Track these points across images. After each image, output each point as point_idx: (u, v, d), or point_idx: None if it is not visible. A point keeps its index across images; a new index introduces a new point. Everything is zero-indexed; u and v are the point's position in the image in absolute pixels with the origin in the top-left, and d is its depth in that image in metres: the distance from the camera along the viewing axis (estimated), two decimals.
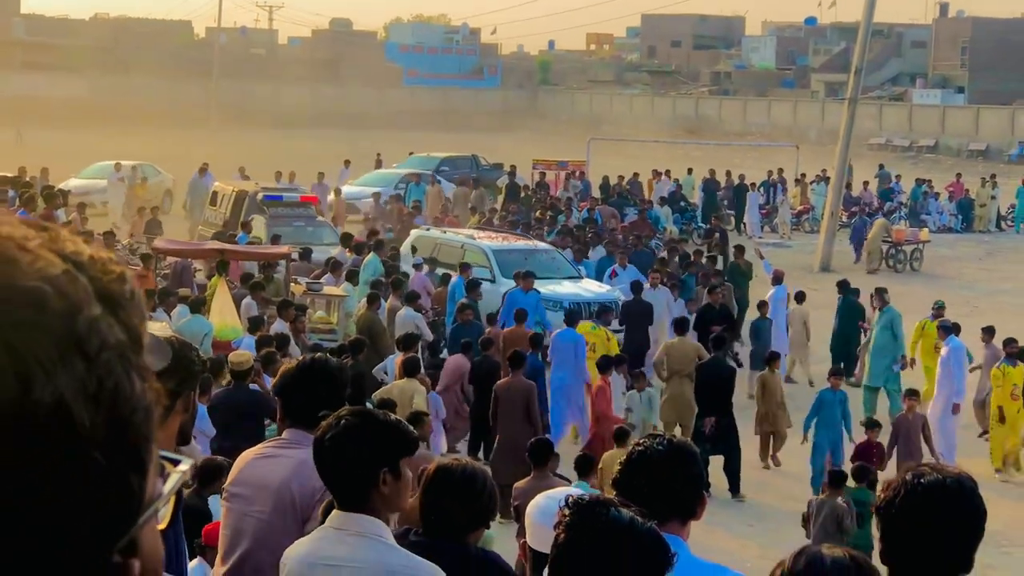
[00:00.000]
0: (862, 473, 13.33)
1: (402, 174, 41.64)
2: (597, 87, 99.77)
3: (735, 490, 16.31)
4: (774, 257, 32.03)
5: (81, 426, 0.92)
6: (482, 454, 16.00)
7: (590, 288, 23.07)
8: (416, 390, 14.72)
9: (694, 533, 4.28)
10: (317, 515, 4.72)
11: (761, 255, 26.40)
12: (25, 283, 0.92)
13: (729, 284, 23.62)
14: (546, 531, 3.55)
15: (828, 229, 34.36)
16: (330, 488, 4.35)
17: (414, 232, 26.71)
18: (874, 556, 3.71)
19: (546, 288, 21.69)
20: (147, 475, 0.99)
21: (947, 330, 19.03)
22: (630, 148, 57.29)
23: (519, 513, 10.47)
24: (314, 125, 76.97)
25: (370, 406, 8.14)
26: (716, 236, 29.80)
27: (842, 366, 21.75)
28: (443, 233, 26.07)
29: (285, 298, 19.21)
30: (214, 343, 17.33)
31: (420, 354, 16.64)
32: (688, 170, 44.40)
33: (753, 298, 23.97)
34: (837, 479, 12.86)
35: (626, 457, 4.24)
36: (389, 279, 21.07)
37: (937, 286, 30.54)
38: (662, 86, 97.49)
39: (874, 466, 14.34)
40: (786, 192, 42.34)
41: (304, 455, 4.98)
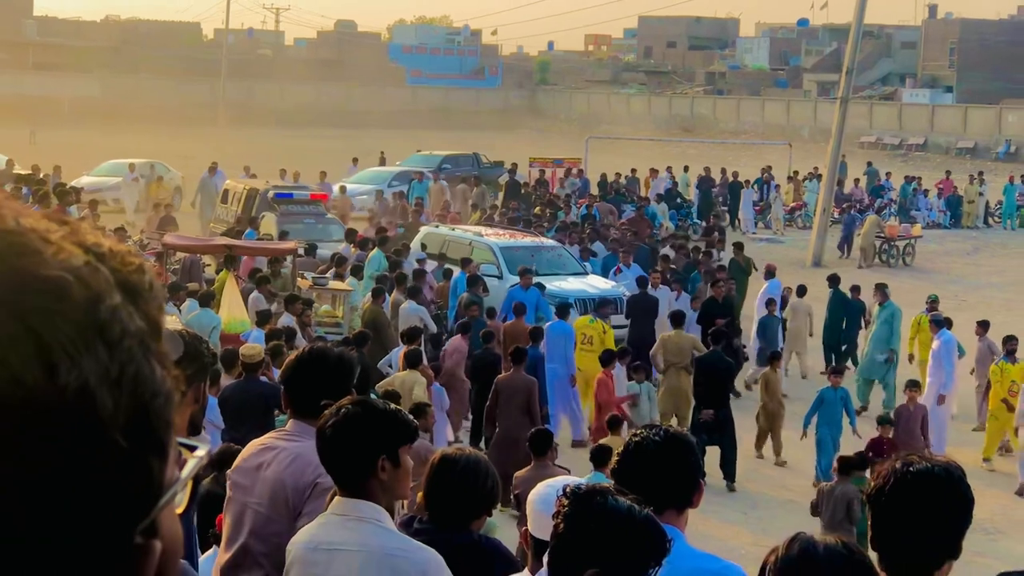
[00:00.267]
0: (862, 463, 13.31)
1: (395, 172, 41.65)
2: (595, 87, 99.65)
3: (730, 479, 16.33)
4: (767, 253, 32.06)
5: (104, 410, 0.93)
6: (483, 445, 16.01)
7: (595, 284, 23.05)
8: (416, 381, 14.75)
9: (688, 521, 4.28)
10: (308, 511, 4.75)
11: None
12: (49, 273, 0.94)
13: (732, 280, 23.61)
14: (547, 519, 3.56)
15: (820, 225, 34.35)
16: (332, 474, 4.40)
17: (424, 229, 26.69)
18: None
19: (552, 284, 21.75)
20: (167, 459, 1.00)
21: (939, 324, 19.04)
22: (627, 146, 57.23)
23: (519, 501, 10.48)
24: (319, 124, 76.84)
25: (374, 397, 8.15)
26: (716, 234, 29.84)
27: (833, 357, 21.87)
28: (452, 230, 26.07)
29: (292, 292, 19.24)
30: (222, 336, 17.36)
31: (424, 347, 16.65)
32: (684, 168, 44.38)
33: (750, 294, 24.00)
34: (847, 465, 12.83)
35: (623, 448, 4.24)
36: (393, 274, 21.08)
37: (927, 280, 30.56)
38: (658, 86, 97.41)
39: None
40: (778, 189, 42.32)
41: (301, 449, 5.00)
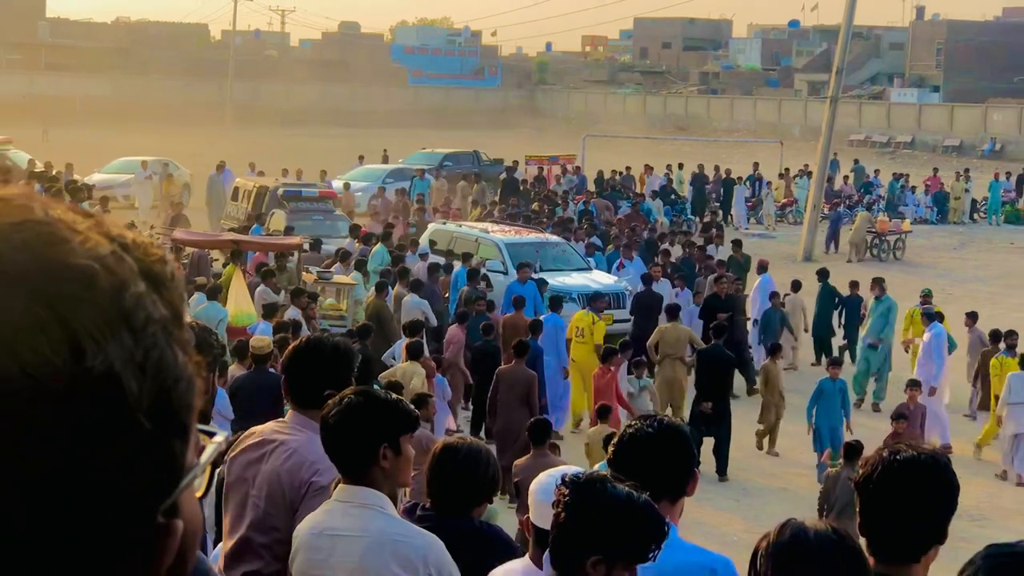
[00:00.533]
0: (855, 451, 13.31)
1: (388, 169, 41.69)
2: (592, 87, 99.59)
3: (721, 472, 16.30)
4: (759, 248, 32.06)
5: (129, 393, 0.95)
6: (484, 434, 16.03)
7: (599, 279, 23.06)
8: (416, 372, 14.82)
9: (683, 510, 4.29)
10: (304, 509, 4.73)
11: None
12: (77, 261, 0.95)
13: (733, 275, 23.61)
14: (548, 509, 3.57)
15: (810, 221, 34.38)
16: (335, 462, 4.41)
17: (431, 226, 26.90)
18: None
19: (556, 280, 21.85)
20: (189, 442, 1.02)
21: (931, 317, 19.07)
22: (623, 144, 57.21)
23: (519, 490, 10.49)
24: (323, 123, 76.80)
25: (377, 388, 8.15)
26: (714, 231, 29.87)
27: (822, 349, 21.91)
28: (459, 227, 26.14)
29: (298, 286, 19.24)
30: (229, 328, 17.37)
31: (425, 339, 16.68)
32: (679, 165, 44.39)
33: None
34: (853, 451, 12.84)
35: (618, 438, 4.23)
36: (396, 268, 21.09)
37: (915, 275, 30.57)
38: (653, 86, 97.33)
39: None
40: (769, 185, 42.32)
41: (298, 444, 4.94)
